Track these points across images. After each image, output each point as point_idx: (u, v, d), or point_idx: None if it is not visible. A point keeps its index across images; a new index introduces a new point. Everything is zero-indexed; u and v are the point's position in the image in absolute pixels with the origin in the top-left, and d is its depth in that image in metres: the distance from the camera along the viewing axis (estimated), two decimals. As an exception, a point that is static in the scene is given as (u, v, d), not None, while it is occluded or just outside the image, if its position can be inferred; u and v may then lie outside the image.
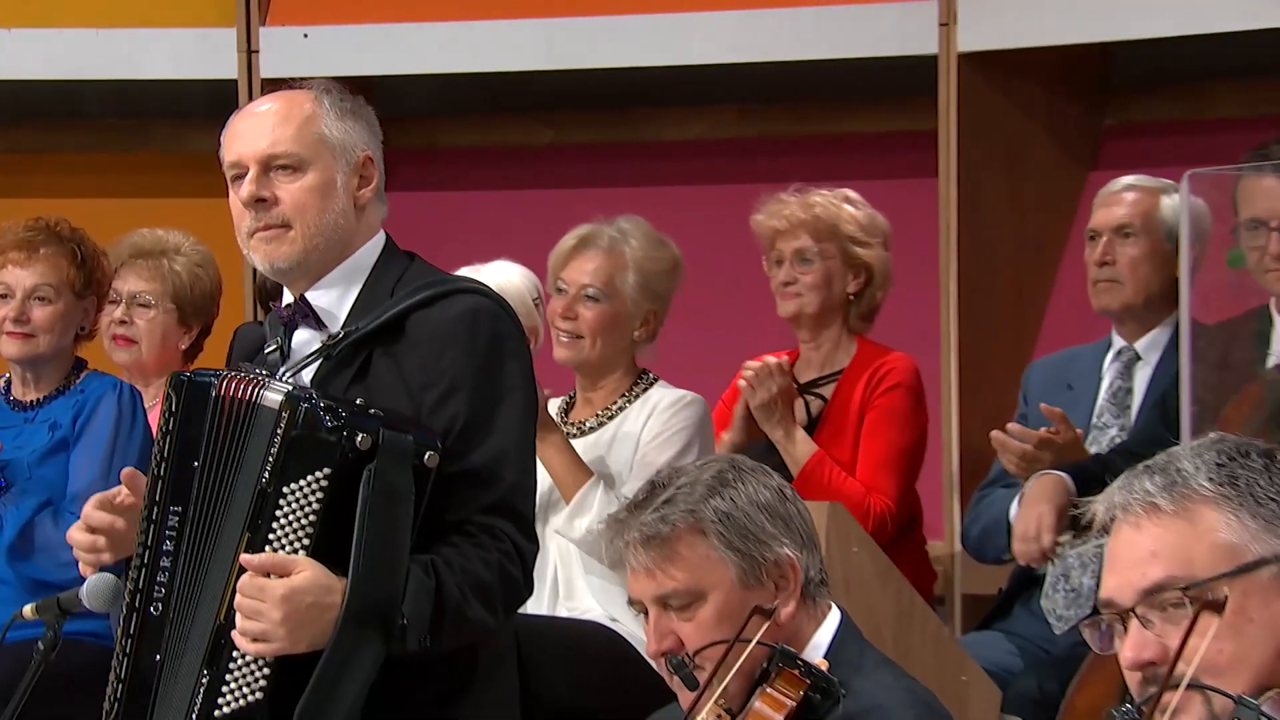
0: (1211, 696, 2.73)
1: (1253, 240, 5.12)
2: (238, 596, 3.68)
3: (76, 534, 4.02)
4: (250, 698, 3.73)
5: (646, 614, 3.65)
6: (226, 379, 3.82)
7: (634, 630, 5.21)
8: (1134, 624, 2.80)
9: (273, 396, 3.72)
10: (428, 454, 3.72)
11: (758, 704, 3.37)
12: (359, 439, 3.66)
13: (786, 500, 3.69)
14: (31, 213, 5.74)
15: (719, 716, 3.46)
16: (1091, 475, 5.29)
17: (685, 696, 3.58)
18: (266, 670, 3.71)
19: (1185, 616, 2.76)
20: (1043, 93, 7.07)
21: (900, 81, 7.04)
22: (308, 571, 3.67)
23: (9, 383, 5.72)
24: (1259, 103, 6.38)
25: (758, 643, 3.47)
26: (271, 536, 3.70)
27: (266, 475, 3.69)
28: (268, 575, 3.68)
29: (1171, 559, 2.78)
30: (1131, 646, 2.81)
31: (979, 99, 6.89)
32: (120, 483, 4.06)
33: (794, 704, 3.36)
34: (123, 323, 6.02)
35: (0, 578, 5.49)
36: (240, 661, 3.73)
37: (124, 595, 3.86)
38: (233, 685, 3.73)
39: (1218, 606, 2.75)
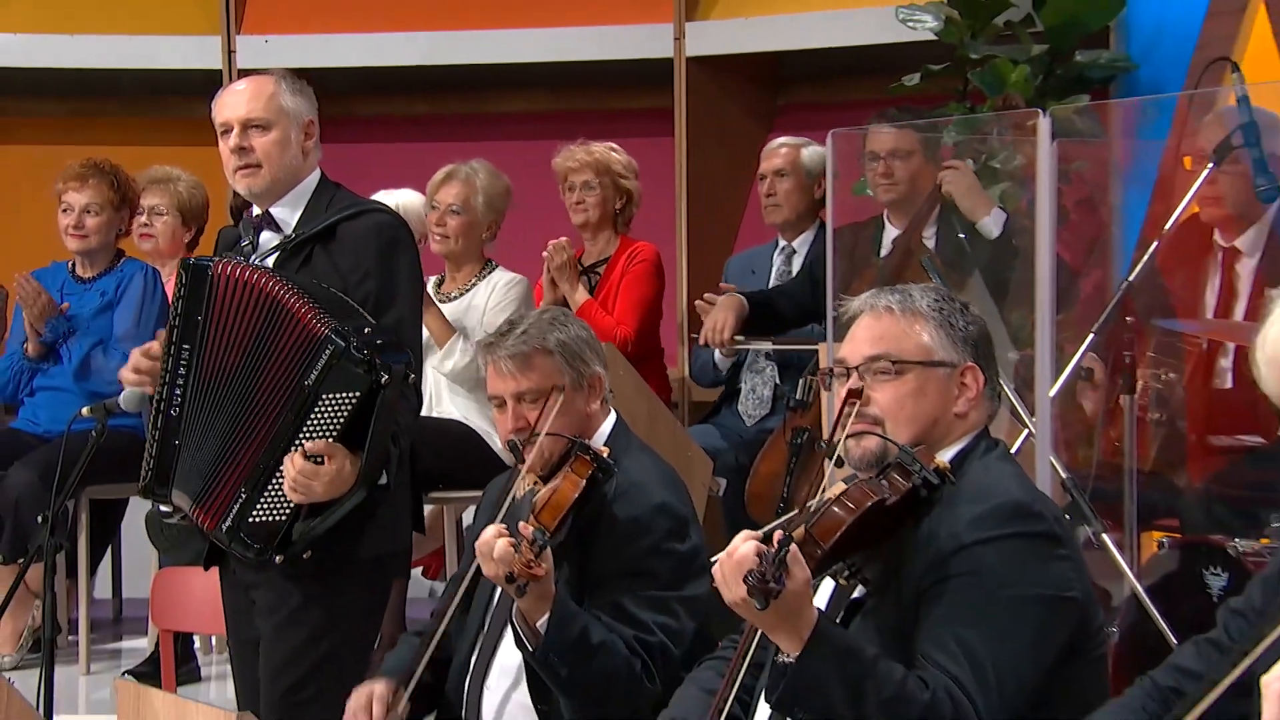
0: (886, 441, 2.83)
1: (871, 167, 5.16)
2: (293, 470, 3.50)
3: (127, 372, 3.83)
4: (276, 516, 3.59)
5: (503, 406, 3.52)
6: (218, 262, 3.65)
7: (481, 425, 5.19)
8: (854, 376, 2.87)
9: (325, 332, 3.50)
10: (411, 376, 3.59)
11: (560, 480, 3.30)
12: (382, 379, 3.48)
13: (594, 339, 3.60)
14: (86, 156, 5.70)
15: (535, 483, 3.39)
16: (759, 303, 5.44)
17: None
18: (291, 503, 3.58)
19: (887, 380, 2.85)
20: (739, 83, 7.05)
21: (650, 75, 6.98)
22: (340, 461, 3.51)
23: (74, 265, 5.66)
24: (878, 89, 6.37)
25: (566, 437, 3.41)
26: (308, 425, 3.51)
27: (311, 380, 3.50)
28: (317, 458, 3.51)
29: (890, 342, 2.86)
30: (847, 389, 2.87)
31: (699, 87, 6.90)
32: (152, 336, 3.92)
33: (584, 480, 3.30)
34: (146, 225, 5.88)
35: (68, 390, 5.48)
36: (272, 491, 3.58)
37: (149, 402, 3.73)
38: (264, 505, 3.59)
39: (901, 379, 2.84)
